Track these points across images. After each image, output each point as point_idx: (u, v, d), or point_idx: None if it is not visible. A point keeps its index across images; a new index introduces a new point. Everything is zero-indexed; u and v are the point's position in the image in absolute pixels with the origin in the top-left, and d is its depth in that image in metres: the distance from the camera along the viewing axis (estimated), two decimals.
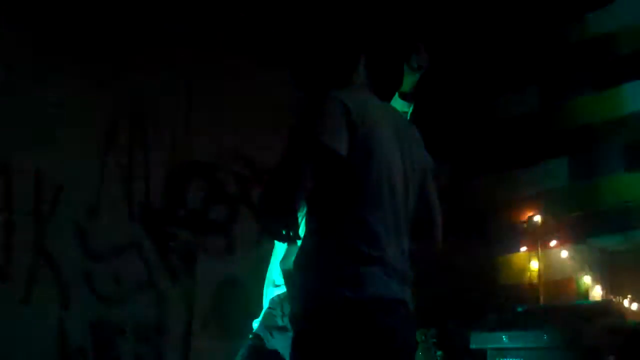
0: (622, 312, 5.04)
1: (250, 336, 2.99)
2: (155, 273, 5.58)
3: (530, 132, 7.16)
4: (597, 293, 6.39)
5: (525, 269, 6.78)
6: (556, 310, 4.90)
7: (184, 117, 5.95)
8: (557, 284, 6.65)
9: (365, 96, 2.23)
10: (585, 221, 6.70)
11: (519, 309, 4.81)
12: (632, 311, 5.44)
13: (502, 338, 4.48)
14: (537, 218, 6.73)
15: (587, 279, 6.44)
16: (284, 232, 1.92)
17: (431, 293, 4.85)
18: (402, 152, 2.20)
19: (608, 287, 6.44)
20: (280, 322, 2.81)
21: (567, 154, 6.96)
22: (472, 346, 4.54)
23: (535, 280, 6.53)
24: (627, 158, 6.71)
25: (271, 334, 2.85)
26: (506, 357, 4.41)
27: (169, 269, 5.65)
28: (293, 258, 2.08)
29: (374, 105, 2.20)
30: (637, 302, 5.57)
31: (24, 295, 4.95)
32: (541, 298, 6.34)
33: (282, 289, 2.77)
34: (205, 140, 6.05)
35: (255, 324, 2.99)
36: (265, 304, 2.96)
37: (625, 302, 5.61)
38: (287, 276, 2.36)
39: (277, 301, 2.86)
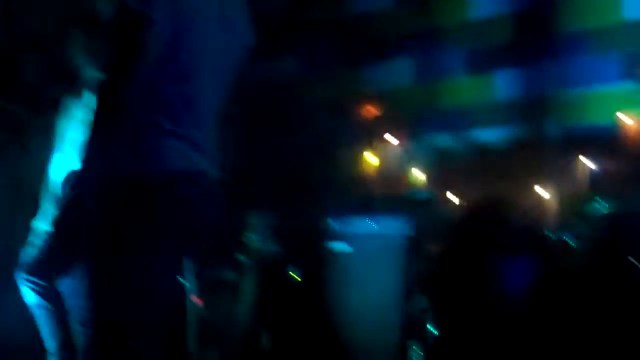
0: (448, 205, 5.33)
1: None
2: None
3: (378, 31, 7.26)
4: (426, 187, 6.74)
5: (363, 162, 7.01)
6: (387, 200, 5.11)
7: None
8: (391, 177, 6.94)
9: None
10: (422, 120, 6.98)
11: (353, 199, 4.99)
12: (455, 204, 5.78)
13: (336, 225, 4.63)
14: (378, 114, 6.94)
15: (419, 174, 6.76)
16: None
17: (269, 180, 4.92)
18: (222, 24, 2.12)
19: (437, 182, 6.80)
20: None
21: (412, 54, 7.14)
22: (307, 232, 4.67)
23: (371, 174, 6.78)
24: (468, 62, 6.97)
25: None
26: (339, 242, 4.57)
27: None
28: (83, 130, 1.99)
29: None
30: (458, 197, 5.91)
31: None
32: (376, 190, 6.60)
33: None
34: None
35: None
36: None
37: (451, 196, 5.95)
38: (78, 148, 2.23)
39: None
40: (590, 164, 5.92)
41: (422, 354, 3.40)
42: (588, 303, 2.92)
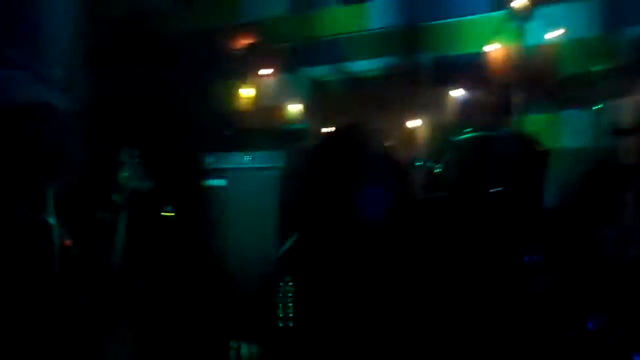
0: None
1: None
2: None
3: None
4: (303, 119, 6.76)
5: (239, 94, 6.92)
6: (261, 133, 5.10)
7: None
8: (267, 110, 6.91)
9: None
10: (298, 51, 6.94)
11: (226, 132, 4.94)
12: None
13: (209, 160, 4.58)
14: (253, 45, 6.83)
15: (295, 107, 6.76)
16: None
17: (139, 116, 4.79)
18: None
19: (313, 114, 6.82)
20: None
21: None
22: (181, 167, 4.59)
23: (247, 107, 6.72)
24: None
25: None
26: (213, 178, 4.54)
27: None
28: None
29: None
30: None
31: None
32: (252, 123, 6.56)
33: None
34: None
35: None
36: None
37: (328, 129, 5.98)
38: None
39: None
40: (460, 93, 6.08)
41: (293, 286, 3.46)
42: (451, 230, 3.04)
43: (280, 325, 3.52)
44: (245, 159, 4.47)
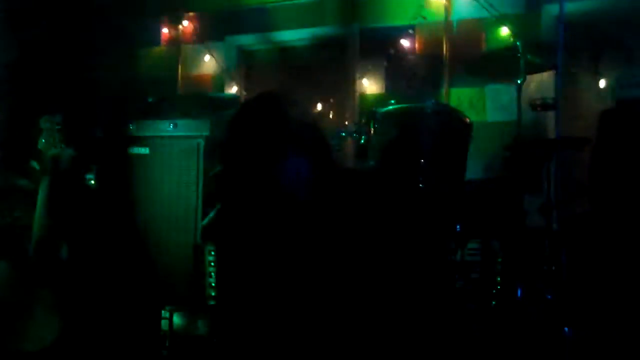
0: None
1: None
2: None
3: None
4: (231, 88, 6.71)
5: (165, 63, 6.82)
6: (187, 101, 5.02)
7: None
8: (196, 78, 6.83)
9: None
10: (225, 19, 6.86)
11: (150, 99, 4.84)
12: None
13: (130, 127, 4.49)
14: (179, 14, 6.73)
15: (222, 75, 6.69)
16: None
17: (61, 82, 4.67)
18: None
19: (241, 83, 6.79)
20: None
21: None
22: (99, 134, 4.50)
23: (172, 74, 6.62)
24: None
25: None
26: (135, 146, 4.45)
27: None
28: None
29: None
30: None
31: None
32: (177, 91, 6.48)
33: None
34: None
35: None
36: None
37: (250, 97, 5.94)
38: None
39: None
40: (386, 65, 6.13)
41: (216, 255, 3.46)
42: (375, 201, 3.07)
43: (209, 294, 3.52)
44: (169, 127, 4.40)
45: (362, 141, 3.85)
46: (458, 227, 3.75)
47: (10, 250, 3.76)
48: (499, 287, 3.85)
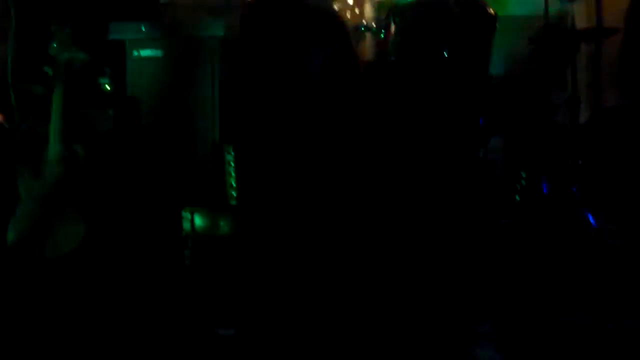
0: None
1: None
2: None
3: None
4: None
5: None
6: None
7: None
8: None
9: None
10: None
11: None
12: None
13: (146, 29, 4.37)
14: None
15: None
16: None
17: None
18: None
19: None
20: None
21: None
22: (112, 37, 4.39)
23: None
24: None
25: None
26: (147, 48, 4.35)
27: None
28: None
29: None
30: None
31: None
32: None
33: None
34: None
35: None
36: None
37: None
38: None
39: None
40: None
41: (233, 153, 3.41)
42: (397, 94, 2.98)
43: (231, 194, 3.49)
44: (182, 28, 4.29)
45: (382, 36, 3.72)
46: (481, 121, 3.66)
47: (33, 156, 3.75)
48: (523, 182, 3.79)
